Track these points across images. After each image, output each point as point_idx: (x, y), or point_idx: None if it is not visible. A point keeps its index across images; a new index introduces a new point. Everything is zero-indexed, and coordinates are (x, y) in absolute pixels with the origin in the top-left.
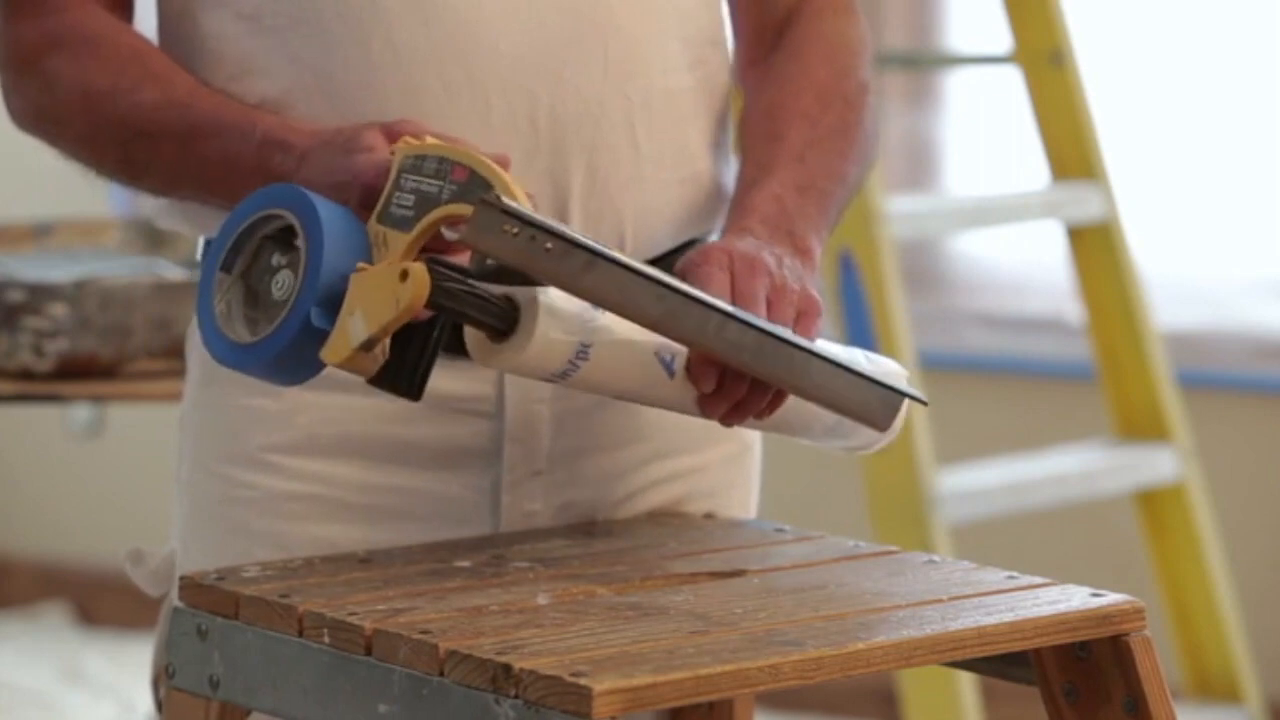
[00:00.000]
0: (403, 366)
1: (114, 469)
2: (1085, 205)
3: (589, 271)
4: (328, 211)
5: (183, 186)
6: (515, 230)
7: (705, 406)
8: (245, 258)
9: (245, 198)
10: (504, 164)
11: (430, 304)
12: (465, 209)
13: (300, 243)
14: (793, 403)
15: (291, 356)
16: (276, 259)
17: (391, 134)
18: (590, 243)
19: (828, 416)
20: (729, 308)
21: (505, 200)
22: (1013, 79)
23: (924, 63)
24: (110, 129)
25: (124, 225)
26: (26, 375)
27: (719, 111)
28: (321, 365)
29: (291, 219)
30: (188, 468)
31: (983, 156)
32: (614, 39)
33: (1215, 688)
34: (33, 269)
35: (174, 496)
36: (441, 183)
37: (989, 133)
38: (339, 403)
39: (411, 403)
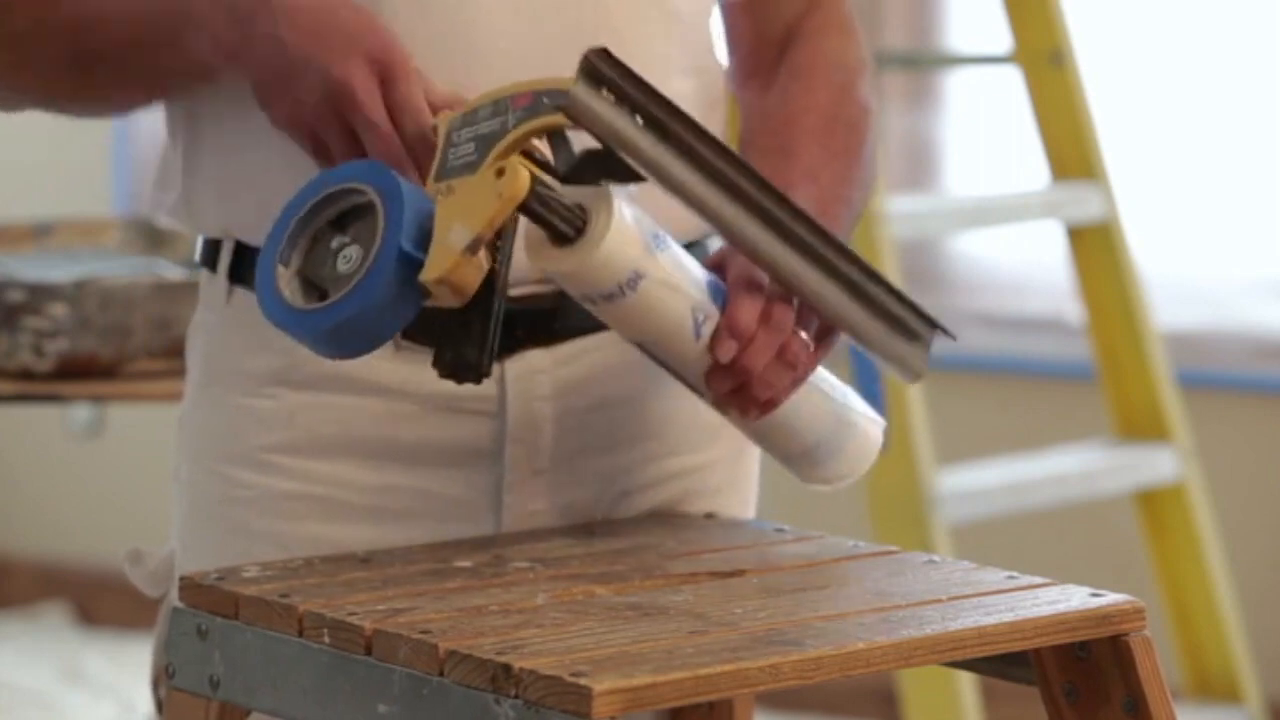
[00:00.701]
0: (468, 343)
1: (114, 469)
2: (1085, 205)
3: (683, 165)
4: (396, 174)
5: (130, 76)
6: (615, 103)
7: (712, 379)
8: (300, 252)
9: (302, 188)
10: None
11: (521, 203)
12: (544, 119)
13: (373, 205)
14: (780, 415)
15: (385, 297)
16: (338, 240)
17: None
18: (681, 116)
19: (813, 432)
20: (799, 228)
21: (600, 56)
22: (1013, 79)
23: (924, 63)
24: (61, 20)
25: (124, 225)
26: (26, 375)
27: (716, 120)
28: (402, 318)
29: (359, 185)
30: (187, 468)
31: (983, 156)
32: (613, 40)
33: (1215, 688)
34: (33, 269)
35: (173, 497)
36: (503, 117)
37: (989, 133)
38: (339, 403)
39: (414, 403)
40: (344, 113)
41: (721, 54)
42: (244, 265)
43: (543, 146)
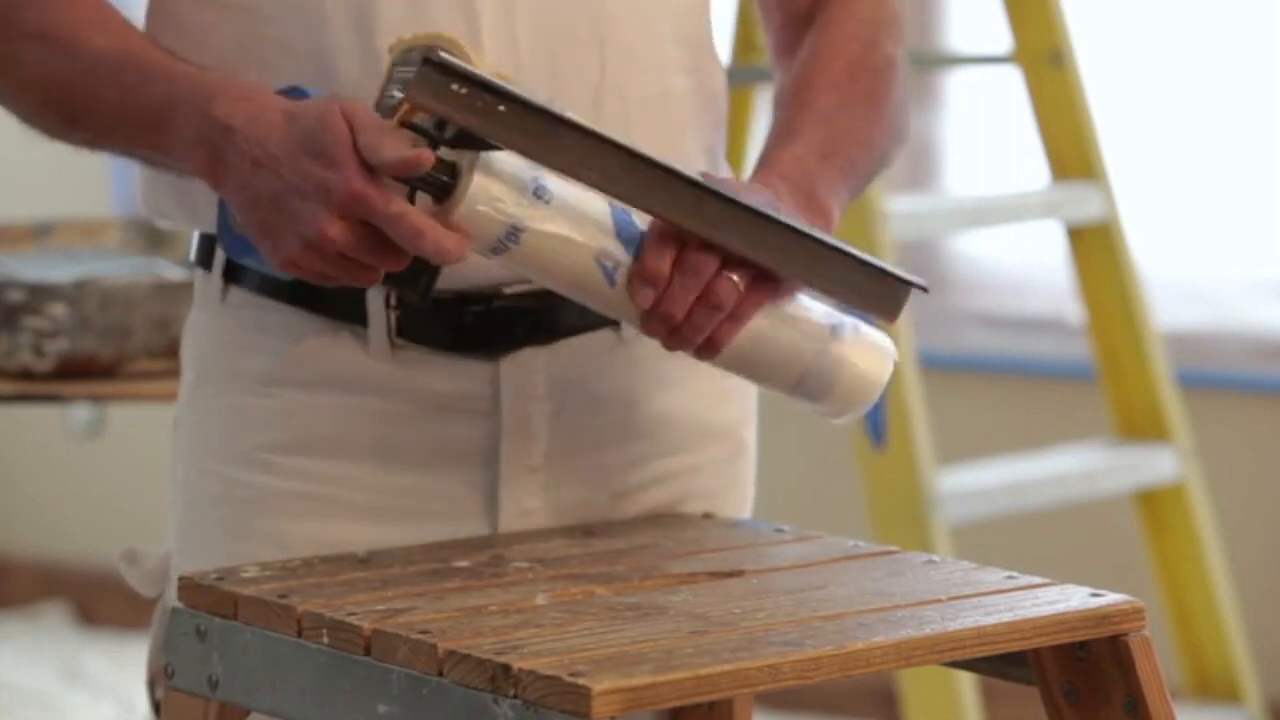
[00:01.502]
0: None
1: (114, 469)
2: (1085, 205)
3: (550, 137)
4: None
5: (114, 133)
6: (464, 90)
7: (644, 324)
8: None
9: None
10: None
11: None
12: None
13: None
14: (751, 343)
15: None
16: None
17: (349, 112)
18: (548, 106)
19: (793, 368)
20: (706, 182)
21: (448, 58)
22: (1013, 79)
23: (924, 63)
24: (59, 70)
25: (124, 225)
26: (26, 375)
27: (714, 117)
28: None
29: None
30: (182, 468)
31: (983, 156)
32: (611, 38)
33: (1215, 688)
34: (33, 269)
35: (168, 497)
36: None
37: (989, 133)
38: (334, 402)
39: (408, 402)
40: (328, 259)
41: (719, 49)
42: (238, 264)
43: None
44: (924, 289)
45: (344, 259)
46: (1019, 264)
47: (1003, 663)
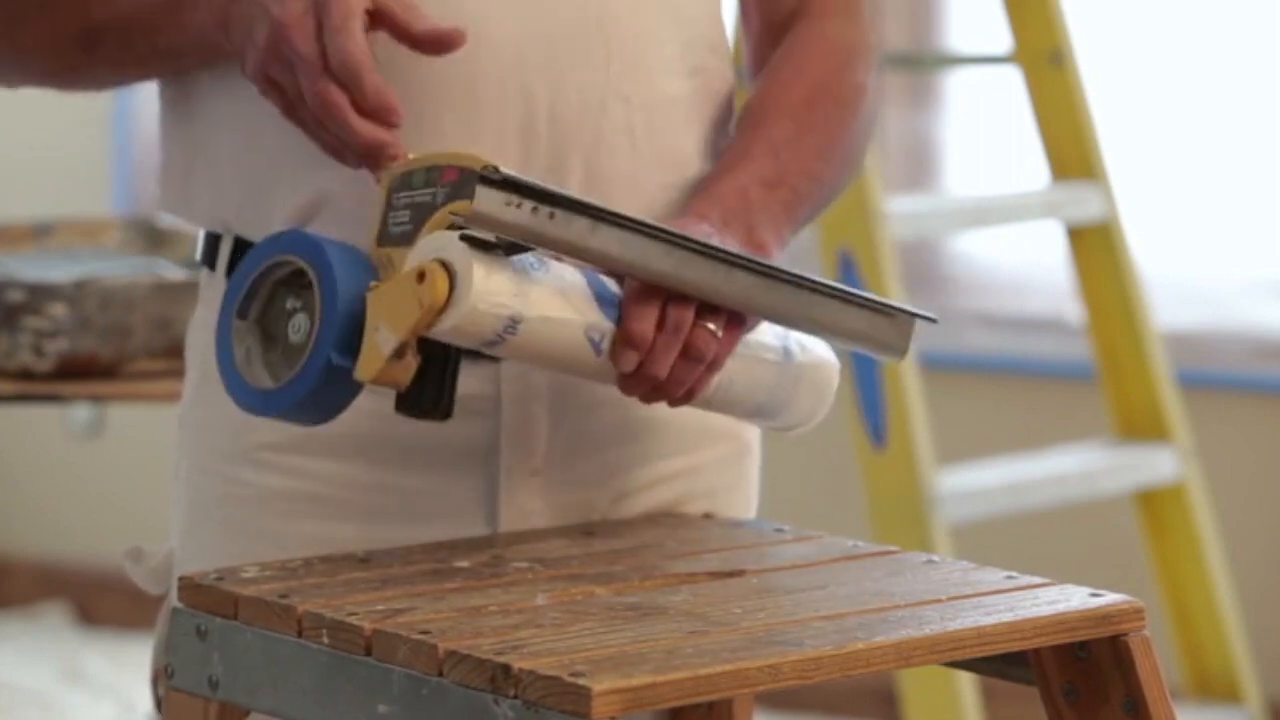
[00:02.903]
0: (426, 388)
1: (114, 469)
2: (1085, 205)
3: (595, 234)
4: (335, 252)
5: (133, 54)
6: (518, 203)
7: (624, 385)
8: (260, 303)
9: (257, 245)
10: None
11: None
12: (462, 205)
13: (313, 284)
14: (713, 393)
15: (317, 397)
16: (291, 303)
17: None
18: (593, 202)
19: (750, 402)
20: (734, 252)
21: (502, 169)
22: (1013, 79)
23: (924, 63)
24: (71, 6)
25: (124, 225)
26: (26, 375)
27: (716, 120)
28: (347, 401)
29: (301, 263)
30: (186, 465)
31: (983, 156)
32: (615, 40)
33: (1215, 688)
34: (33, 269)
35: (172, 494)
36: (434, 189)
37: (989, 133)
38: None
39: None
40: (282, 49)
41: (726, 51)
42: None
43: None
44: (932, 320)
45: (304, 66)
46: (1019, 264)
47: (1003, 663)
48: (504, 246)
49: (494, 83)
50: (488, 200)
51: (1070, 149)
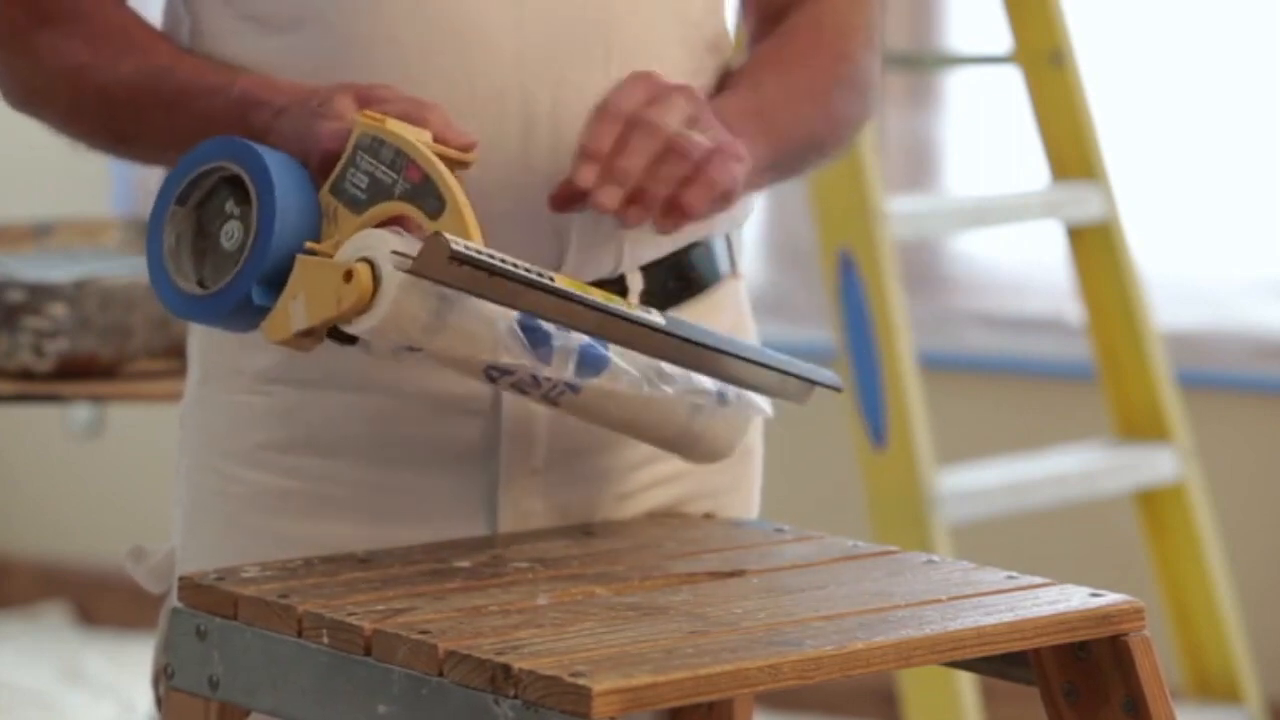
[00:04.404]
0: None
1: (114, 469)
2: (1085, 205)
3: (526, 294)
4: (282, 177)
5: (169, 152)
6: (460, 264)
7: (596, 200)
8: (200, 193)
9: (213, 140)
10: (469, 148)
11: None
12: (414, 213)
13: (252, 205)
14: (628, 416)
15: (229, 321)
16: (230, 205)
17: (363, 99)
18: (529, 275)
19: (663, 431)
20: (660, 322)
21: (454, 242)
22: (1013, 79)
23: (924, 63)
24: (95, 102)
25: (124, 225)
26: (26, 375)
27: None
28: (252, 327)
29: (247, 179)
30: (186, 464)
31: (983, 156)
32: (616, 41)
33: (1215, 688)
34: (33, 269)
35: (173, 493)
36: (396, 175)
37: (989, 133)
38: (334, 400)
39: (410, 401)
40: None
41: (728, 50)
42: None
43: None
44: (837, 389)
45: None
46: (1019, 264)
47: (1003, 663)
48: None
49: (494, 84)
50: (433, 256)
51: (1070, 149)
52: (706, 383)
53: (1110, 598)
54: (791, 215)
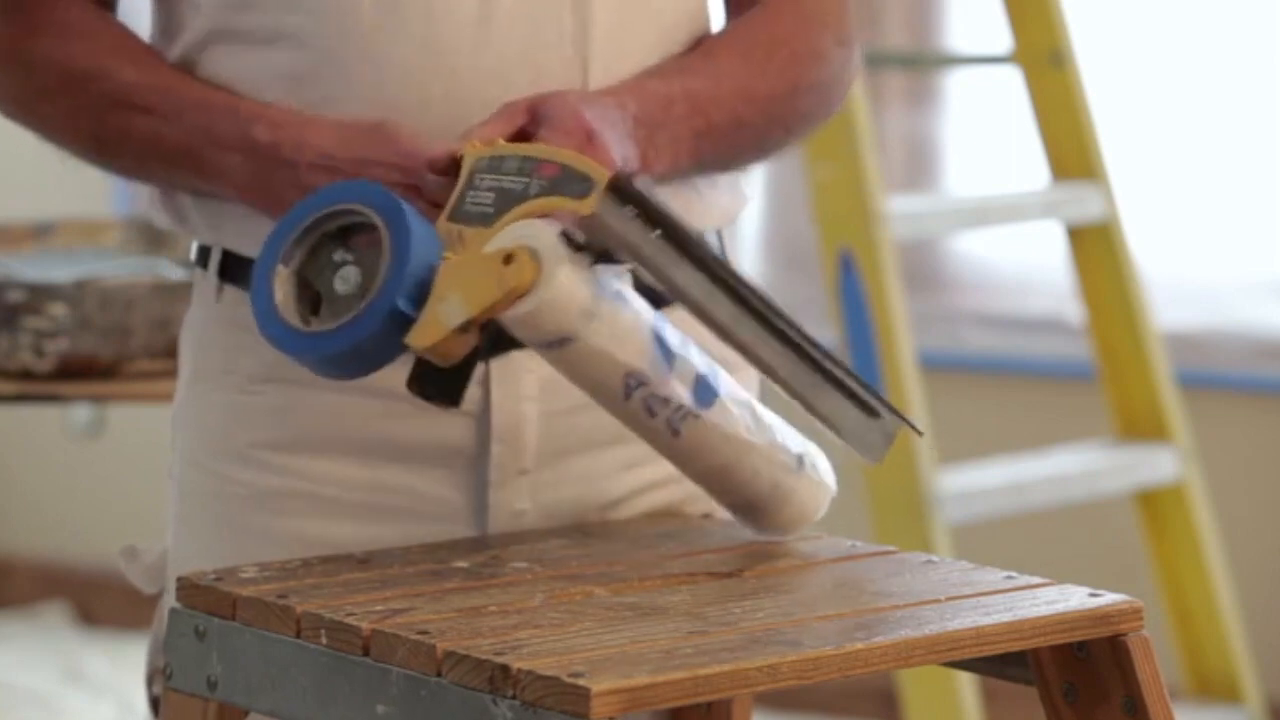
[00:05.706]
0: (451, 373)
1: (114, 469)
2: (1085, 205)
3: (679, 268)
4: (409, 209)
5: (152, 163)
6: (633, 215)
7: None
8: (304, 252)
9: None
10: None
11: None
12: (559, 201)
13: (382, 237)
14: (718, 467)
15: (371, 343)
16: (340, 255)
17: (396, 125)
18: (692, 236)
19: (772, 477)
20: (791, 330)
21: (634, 180)
22: (1013, 79)
23: (924, 63)
24: (87, 105)
25: (124, 225)
26: (26, 375)
27: None
28: (381, 363)
29: (370, 214)
30: (180, 464)
31: (983, 156)
32: (595, 54)
33: (1215, 688)
34: (33, 269)
35: (167, 493)
36: (527, 179)
37: (989, 133)
38: (327, 400)
39: (400, 401)
40: None
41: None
42: (234, 264)
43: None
44: (918, 432)
45: None
46: (1019, 264)
47: (1002, 663)
48: (593, 255)
49: (473, 100)
50: (609, 207)
51: (1070, 149)
52: (790, 443)
53: (1109, 598)
54: (791, 215)
